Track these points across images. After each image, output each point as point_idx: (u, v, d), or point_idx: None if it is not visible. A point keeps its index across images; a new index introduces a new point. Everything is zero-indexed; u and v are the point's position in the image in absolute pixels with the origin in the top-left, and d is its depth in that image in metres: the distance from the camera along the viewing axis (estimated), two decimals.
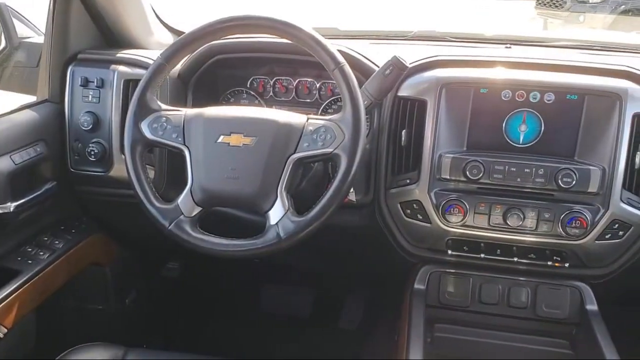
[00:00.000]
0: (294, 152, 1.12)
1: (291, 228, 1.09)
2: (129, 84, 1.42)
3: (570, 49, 1.64)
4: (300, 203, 1.14)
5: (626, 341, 1.27)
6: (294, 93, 1.52)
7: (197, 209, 1.15)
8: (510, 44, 1.61)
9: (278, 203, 1.11)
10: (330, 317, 2.04)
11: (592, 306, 1.28)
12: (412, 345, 1.17)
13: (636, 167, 1.22)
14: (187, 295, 2.10)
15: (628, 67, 1.27)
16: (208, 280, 2.08)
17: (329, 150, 1.11)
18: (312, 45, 1.14)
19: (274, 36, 1.21)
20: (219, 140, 1.14)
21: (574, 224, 1.22)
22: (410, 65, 1.26)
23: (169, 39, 1.64)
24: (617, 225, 1.23)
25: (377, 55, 1.37)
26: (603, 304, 1.30)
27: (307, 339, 1.97)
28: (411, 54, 1.37)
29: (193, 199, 1.14)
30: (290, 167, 1.12)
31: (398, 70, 1.20)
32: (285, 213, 1.11)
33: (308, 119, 1.15)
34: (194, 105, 1.40)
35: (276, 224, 1.10)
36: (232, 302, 2.09)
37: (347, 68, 1.13)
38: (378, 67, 1.25)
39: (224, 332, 2.03)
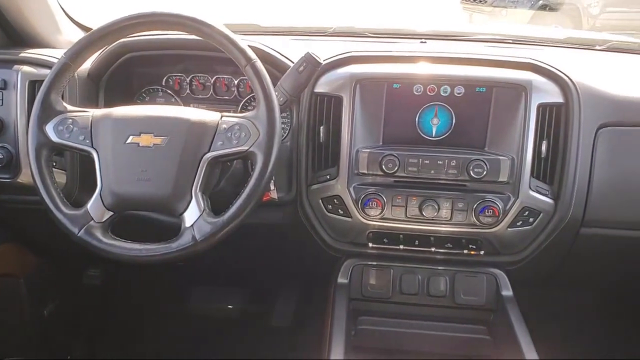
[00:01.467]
0: (208, 151, 1.10)
1: (207, 230, 1.07)
2: (35, 85, 1.35)
3: (483, 42, 1.69)
4: (220, 203, 1.13)
5: (540, 323, 1.33)
6: (211, 90, 1.49)
7: (108, 214, 1.11)
8: (426, 38, 1.64)
9: (193, 204, 1.09)
10: (263, 316, 2.02)
11: (507, 292, 1.33)
12: (334, 339, 1.18)
13: (543, 155, 1.27)
14: (112, 302, 2.03)
15: (532, 59, 1.32)
16: (133, 285, 2.01)
17: (244, 148, 1.09)
18: (222, 42, 1.13)
19: (185, 33, 1.19)
20: (128, 141, 1.11)
21: (486, 213, 1.26)
22: (324, 62, 1.26)
23: (80, 37, 1.57)
24: (527, 213, 1.27)
25: (295, 51, 1.37)
26: (518, 289, 1.35)
27: (240, 339, 1.95)
28: (330, 49, 1.38)
29: (103, 204, 1.11)
30: (205, 166, 1.10)
31: (312, 67, 1.19)
32: (201, 214, 1.08)
33: (222, 116, 1.14)
34: (107, 106, 1.34)
35: (191, 226, 1.08)
36: (160, 306, 2.04)
37: (259, 64, 1.12)
38: (294, 63, 1.24)
39: (153, 337, 1.98)
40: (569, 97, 1.26)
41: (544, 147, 1.26)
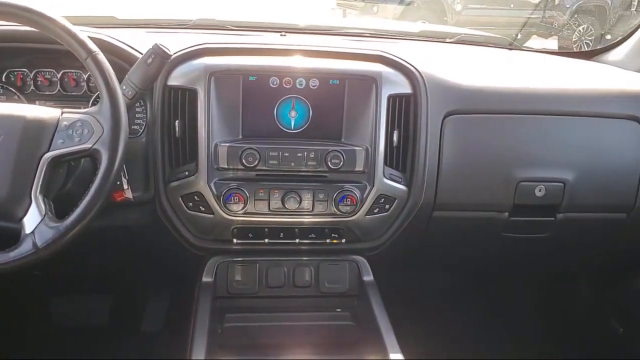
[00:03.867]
0: (48, 151, 1.04)
1: (49, 235, 1.01)
2: None
3: (343, 36, 1.73)
4: (68, 206, 1.06)
5: (401, 305, 1.39)
6: (59, 86, 1.39)
7: None
8: (287, 32, 1.65)
9: (33, 208, 1.02)
10: (132, 322, 1.94)
11: (368, 277, 1.37)
12: (196, 339, 1.15)
13: (395, 145, 1.32)
14: None
15: (382, 51, 1.36)
16: None
17: (87, 146, 1.05)
18: (59, 33, 1.06)
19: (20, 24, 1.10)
20: None
21: (345, 202, 1.29)
22: (174, 54, 1.22)
23: None
24: (383, 200, 1.32)
25: (149, 43, 1.31)
26: (380, 274, 1.39)
27: (107, 348, 1.85)
28: (189, 42, 1.34)
29: None
30: (45, 167, 1.04)
31: (161, 59, 1.15)
32: (42, 219, 1.02)
33: (62, 113, 1.08)
34: None
35: (32, 232, 1.01)
36: (17, 319, 1.88)
37: (101, 57, 1.07)
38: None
39: (10, 355, 1.83)
40: (417, 87, 1.32)
41: (395, 137, 1.31)
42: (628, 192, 1.43)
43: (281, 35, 1.60)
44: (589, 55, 1.79)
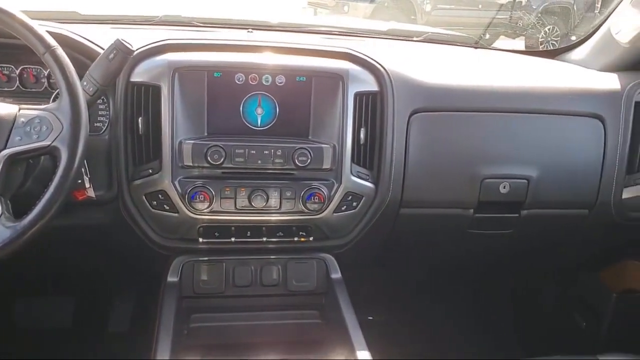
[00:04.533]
0: (4, 148, 1.01)
1: (6, 235, 0.98)
2: None
3: (312, 34, 1.72)
4: (28, 205, 1.03)
5: (370, 302, 1.39)
6: (17, 82, 1.35)
7: None
8: (255, 29, 1.64)
9: None
10: (97, 323, 1.90)
11: (336, 274, 1.37)
12: (160, 340, 1.13)
13: (362, 142, 1.32)
14: None
15: (349, 49, 1.36)
16: None
17: (46, 143, 1.02)
18: (16, 27, 1.04)
19: None
20: None
21: (313, 200, 1.29)
22: (137, 50, 1.20)
23: None
24: (350, 197, 1.32)
25: (109, 39, 1.29)
26: (349, 271, 1.39)
27: (72, 350, 1.81)
28: (153, 38, 1.32)
29: None
30: (1, 165, 1.00)
31: (123, 54, 1.12)
32: None
33: (20, 109, 1.05)
34: None
35: None
36: None
37: (60, 52, 1.04)
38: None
39: None
40: (383, 85, 1.32)
41: (362, 134, 1.31)
42: (590, 189, 1.46)
43: (248, 31, 1.59)
44: (552, 54, 1.82)
